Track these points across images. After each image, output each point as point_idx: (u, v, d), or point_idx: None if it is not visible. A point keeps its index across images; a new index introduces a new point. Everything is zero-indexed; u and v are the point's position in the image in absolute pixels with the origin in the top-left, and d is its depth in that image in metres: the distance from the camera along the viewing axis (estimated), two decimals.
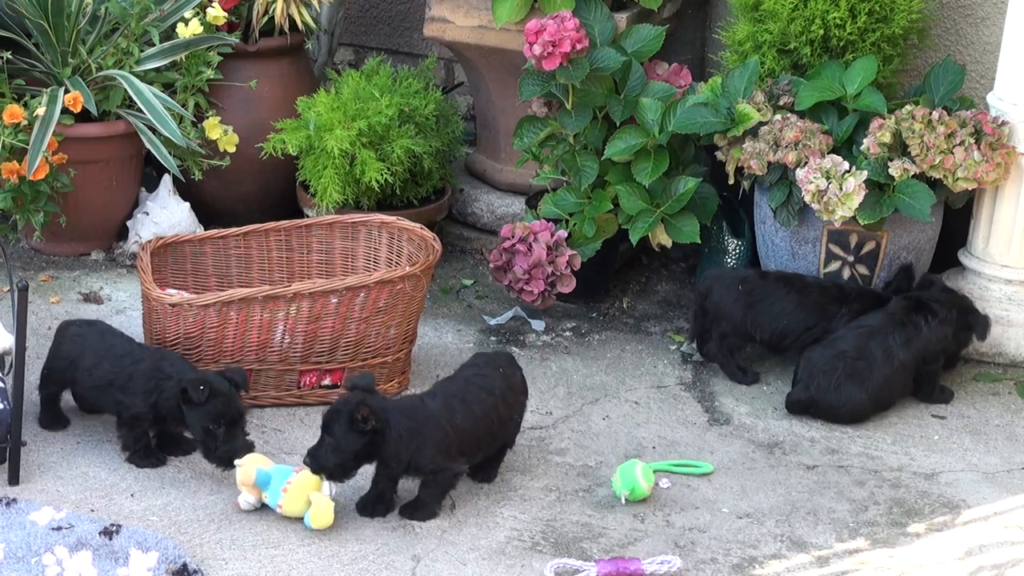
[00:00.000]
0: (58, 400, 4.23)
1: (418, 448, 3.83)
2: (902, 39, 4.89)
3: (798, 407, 4.45)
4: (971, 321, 4.54)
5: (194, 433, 3.99)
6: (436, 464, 3.85)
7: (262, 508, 3.92)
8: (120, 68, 5.12)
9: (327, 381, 4.42)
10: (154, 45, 5.16)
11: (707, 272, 4.78)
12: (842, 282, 4.68)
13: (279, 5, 5.26)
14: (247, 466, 3.89)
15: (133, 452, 4.09)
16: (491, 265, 4.89)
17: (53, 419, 4.22)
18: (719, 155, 4.84)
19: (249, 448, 3.97)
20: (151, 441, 4.12)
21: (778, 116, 4.72)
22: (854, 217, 4.53)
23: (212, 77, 5.24)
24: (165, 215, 5.23)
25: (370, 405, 3.78)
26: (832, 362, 4.40)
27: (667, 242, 4.86)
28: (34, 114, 4.91)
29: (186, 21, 5.16)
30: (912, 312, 4.46)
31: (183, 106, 5.18)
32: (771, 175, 4.66)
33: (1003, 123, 4.60)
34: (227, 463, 3.96)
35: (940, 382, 4.57)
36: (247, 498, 3.90)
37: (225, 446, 3.94)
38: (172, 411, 4.00)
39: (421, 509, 3.92)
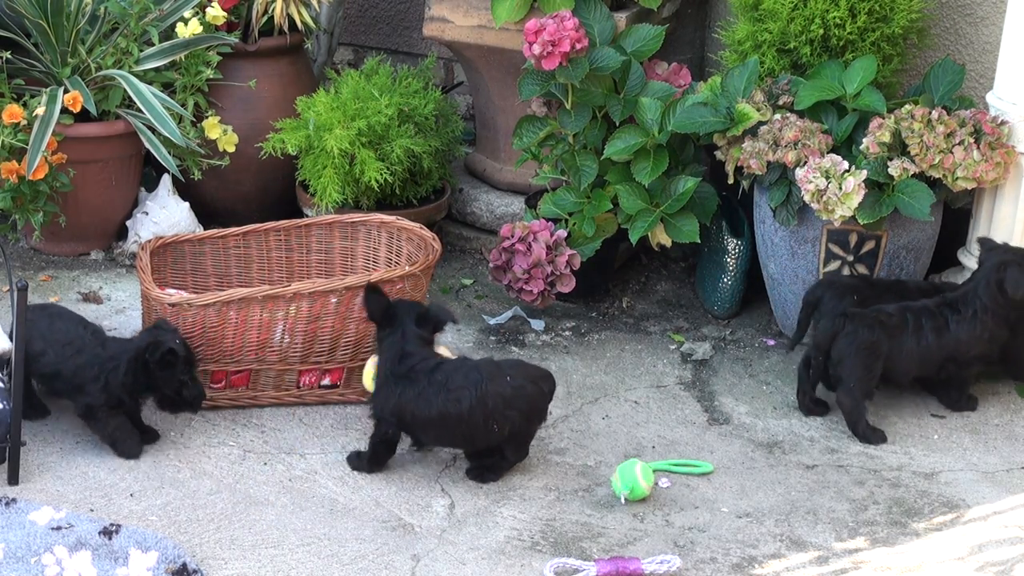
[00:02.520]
0: (29, 387, 4.18)
1: (381, 384, 4.07)
2: (902, 39, 4.89)
3: (824, 338, 4.37)
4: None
5: (168, 389, 4.11)
6: (374, 409, 4.08)
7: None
8: (119, 68, 5.12)
9: (326, 381, 4.42)
10: (153, 45, 5.17)
11: (817, 281, 4.63)
12: (937, 282, 4.67)
13: (278, 5, 5.26)
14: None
15: (117, 441, 4.11)
16: (490, 265, 4.89)
17: (29, 408, 4.16)
18: (718, 155, 4.84)
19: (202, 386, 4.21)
20: (127, 423, 4.14)
21: (777, 116, 4.72)
22: (854, 216, 4.52)
23: (211, 77, 5.24)
24: (164, 215, 5.23)
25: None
26: (865, 313, 4.36)
27: (667, 242, 4.86)
28: (33, 114, 4.91)
29: (185, 21, 5.16)
30: (944, 307, 4.42)
31: (182, 106, 5.18)
32: (770, 174, 4.66)
33: (1002, 122, 4.60)
34: (198, 405, 4.17)
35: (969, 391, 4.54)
36: None
37: (194, 390, 4.15)
38: (125, 390, 4.08)
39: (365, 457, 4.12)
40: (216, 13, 5.18)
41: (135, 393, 4.12)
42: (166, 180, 5.27)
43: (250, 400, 4.40)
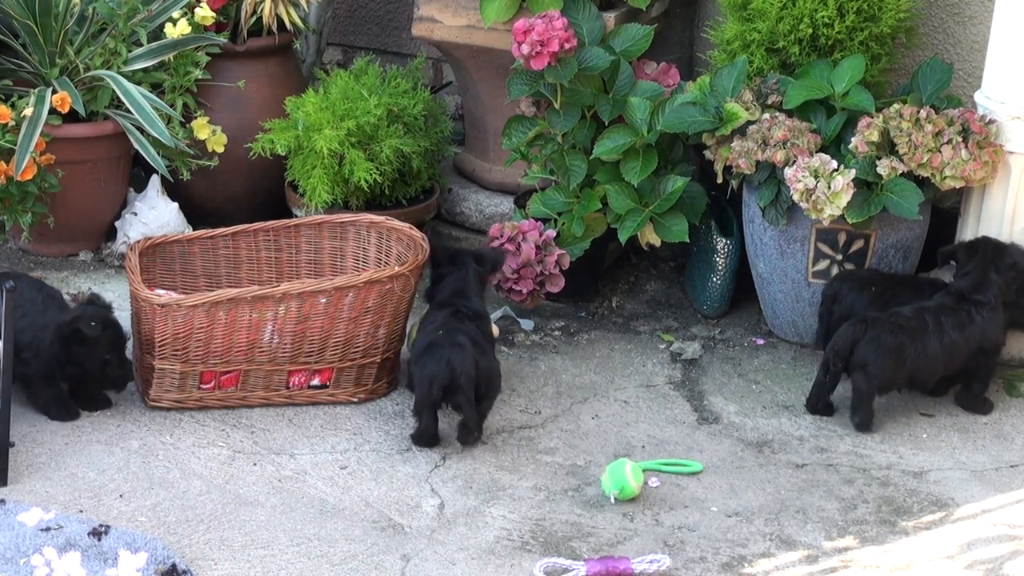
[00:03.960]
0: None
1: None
2: (890, 38, 4.89)
3: (846, 342, 4.35)
4: None
5: (91, 367, 4.21)
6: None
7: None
8: (108, 68, 5.12)
9: (316, 381, 4.42)
10: (142, 45, 5.16)
11: (835, 275, 4.66)
12: (943, 280, 4.68)
13: (267, 5, 5.26)
14: None
15: (49, 412, 4.22)
16: None
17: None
18: (707, 154, 4.85)
19: (130, 366, 4.29)
20: (64, 393, 4.25)
21: (766, 115, 4.72)
22: (842, 216, 4.53)
23: (200, 77, 5.23)
24: (153, 215, 5.23)
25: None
26: (884, 318, 4.36)
27: (656, 241, 4.86)
28: (22, 115, 4.90)
29: (174, 21, 5.16)
30: (962, 301, 4.42)
31: (171, 106, 5.17)
32: (759, 174, 4.66)
33: (990, 121, 4.61)
34: (123, 385, 4.29)
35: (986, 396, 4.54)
36: None
37: (120, 370, 4.24)
38: (56, 359, 4.18)
39: None
40: (205, 13, 5.17)
41: (62, 365, 4.21)
42: (155, 181, 5.26)
43: (239, 401, 4.39)
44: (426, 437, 4.20)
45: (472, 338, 4.21)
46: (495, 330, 4.62)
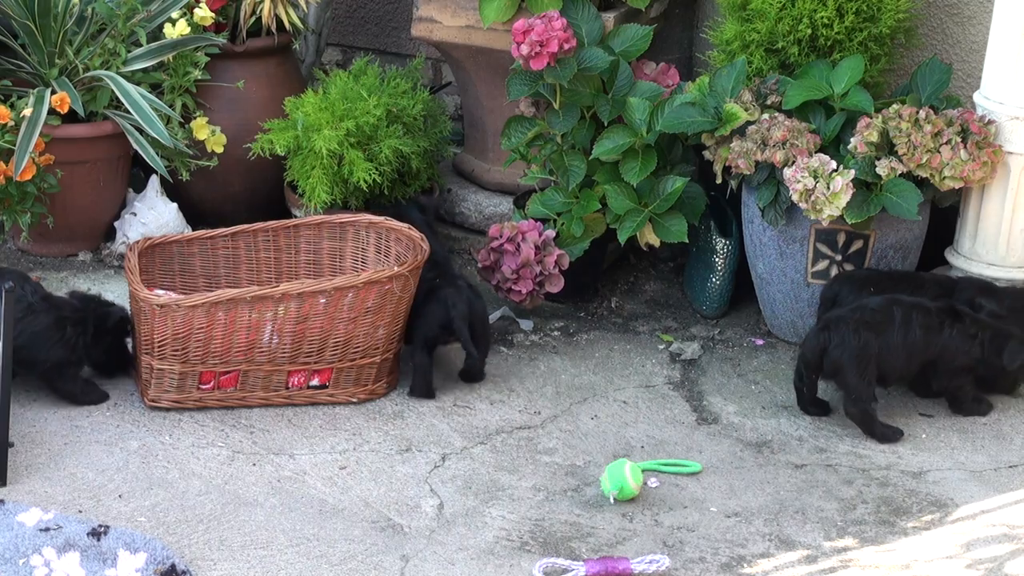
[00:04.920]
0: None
1: None
2: (889, 38, 4.89)
3: (815, 351, 4.35)
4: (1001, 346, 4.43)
5: (116, 353, 4.46)
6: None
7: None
8: (107, 69, 5.12)
9: (315, 381, 4.42)
10: (141, 46, 5.16)
11: (834, 276, 4.65)
12: (953, 276, 4.67)
13: (266, 5, 5.26)
14: None
15: (80, 396, 4.34)
16: (479, 265, 4.89)
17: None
18: (707, 154, 4.85)
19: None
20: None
21: (766, 115, 4.72)
22: (841, 216, 4.53)
23: (199, 77, 5.23)
24: (153, 216, 5.23)
25: None
26: (847, 317, 4.33)
27: (655, 241, 4.86)
28: (21, 115, 4.90)
29: (173, 22, 5.16)
30: (944, 313, 4.39)
31: (170, 107, 5.17)
32: (759, 174, 4.67)
33: (989, 122, 4.61)
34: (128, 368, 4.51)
35: (979, 394, 4.51)
36: None
37: (126, 354, 4.49)
38: (88, 348, 4.38)
39: None
40: (204, 14, 5.17)
41: (89, 355, 4.40)
42: (154, 181, 5.27)
43: (239, 401, 4.39)
44: (421, 372, 4.49)
45: (468, 282, 4.59)
46: None
